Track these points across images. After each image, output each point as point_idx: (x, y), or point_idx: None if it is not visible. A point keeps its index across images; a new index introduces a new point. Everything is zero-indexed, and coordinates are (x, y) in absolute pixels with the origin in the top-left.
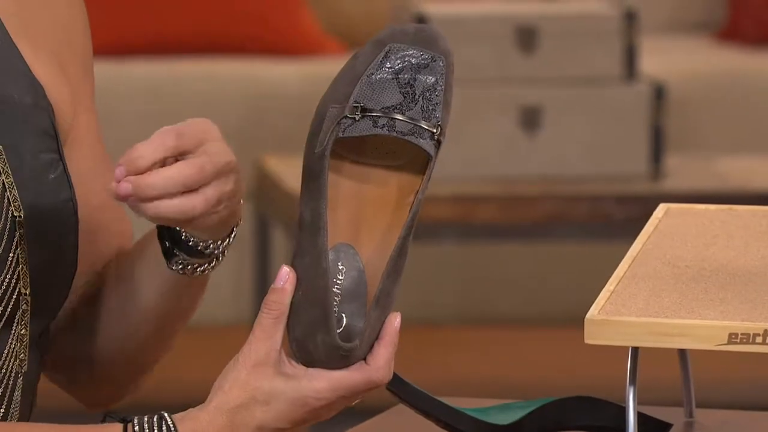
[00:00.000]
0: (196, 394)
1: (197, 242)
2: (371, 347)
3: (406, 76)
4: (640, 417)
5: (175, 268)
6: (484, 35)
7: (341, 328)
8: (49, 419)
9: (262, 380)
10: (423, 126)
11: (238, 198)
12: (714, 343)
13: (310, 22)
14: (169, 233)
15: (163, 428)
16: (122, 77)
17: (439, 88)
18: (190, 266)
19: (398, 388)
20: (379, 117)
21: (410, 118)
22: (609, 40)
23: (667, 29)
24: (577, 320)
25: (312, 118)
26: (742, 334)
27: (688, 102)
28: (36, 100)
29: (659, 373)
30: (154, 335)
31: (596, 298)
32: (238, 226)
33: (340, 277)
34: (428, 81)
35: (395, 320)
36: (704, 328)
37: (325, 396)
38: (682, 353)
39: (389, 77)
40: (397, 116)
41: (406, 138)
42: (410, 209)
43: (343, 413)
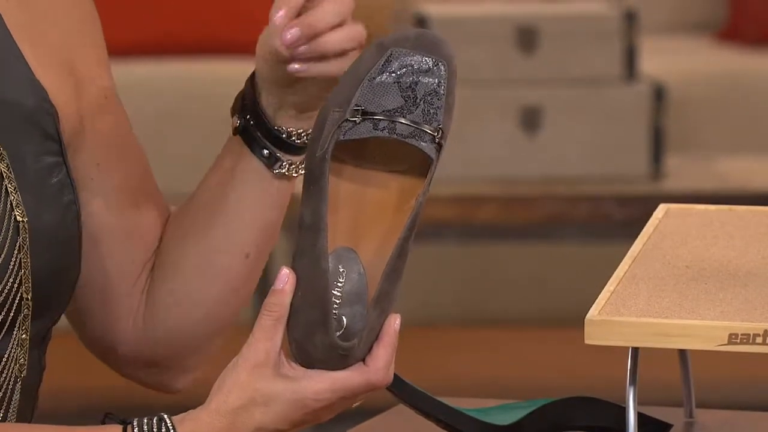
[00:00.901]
0: (196, 395)
1: (299, 135)
2: (371, 348)
3: (407, 80)
4: (640, 417)
5: (279, 171)
6: (484, 35)
7: (341, 331)
8: (50, 421)
9: (262, 382)
10: (424, 129)
11: None
12: (714, 343)
13: None
14: (269, 138)
15: (163, 429)
16: (122, 77)
17: (441, 92)
18: (293, 165)
19: (398, 388)
20: (379, 120)
21: (411, 121)
22: (609, 40)
23: (667, 29)
24: (577, 320)
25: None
26: (742, 334)
27: (688, 102)
28: (39, 103)
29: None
30: (254, 259)
31: (596, 298)
32: None
33: (341, 280)
34: (430, 85)
35: (395, 322)
36: (704, 328)
37: (325, 397)
38: (682, 353)
39: (391, 81)
40: (398, 119)
41: (406, 141)
42: (411, 212)
43: (343, 413)
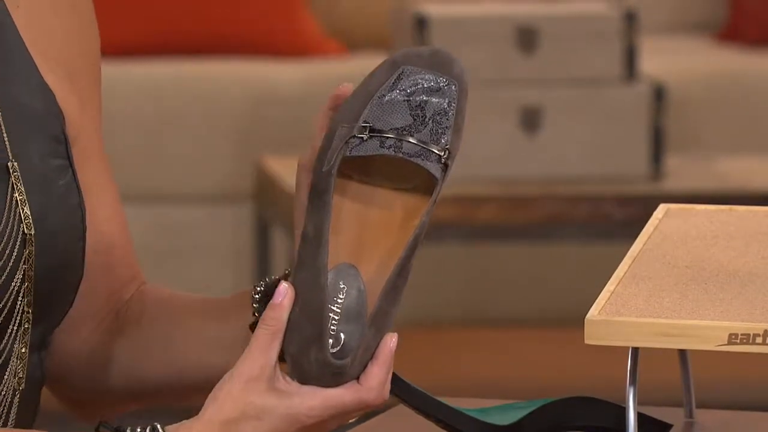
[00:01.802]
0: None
1: None
2: (365, 367)
3: (417, 98)
4: (640, 417)
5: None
6: (484, 36)
7: (338, 347)
8: (50, 420)
9: (255, 395)
10: (431, 149)
11: None
12: (714, 343)
13: (310, 24)
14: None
15: None
16: (123, 77)
17: (450, 112)
18: None
19: (398, 388)
20: (386, 138)
21: (419, 141)
22: (609, 40)
23: (667, 30)
24: (577, 320)
25: (309, 120)
26: (742, 334)
27: (688, 102)
28: (47, 106)
29: (659, 373)
30: (198, 384)
31: (596, 298)
32: None
33: (341, 296)
34: (440, 105)
35: (391, 341)
36: (704, 328)
37: (317, 414)
38: (682, 353)
39: (401, 99)
40: (406, 138)
41: (412, 160)
42: (414, 231)
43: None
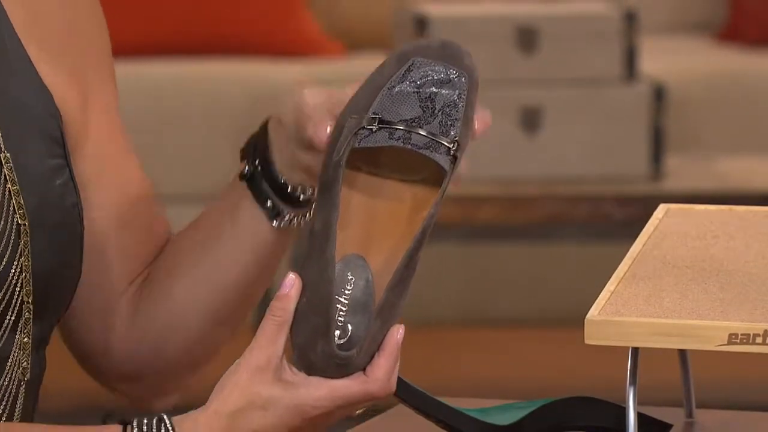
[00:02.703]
0: (197, 395)
1: (305, 190)
2: (372, 358)
3: (427, 90)
4: (640, 417)
5: (279, 225)
6: (484, 36)
7: (345, 338)
8: (50, 421)
9: (262, 386)
10: (440, 140)
11: None
12: (714, 343)
13: (310, 24)
14: (273, 190)
15: (162, 430)
16: (123, 77)
17: (460, 104)
18: (295, 218)
19: (398, 388)
20: (395, 129)
21: (428, 132)
22: (609, 40)
23: (667, 30)
24: (577, 320)
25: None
26: (742, 334)
27: (688, 102)
28: (45, 105)
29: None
30: (243, 299)
31: (596, 298)
32: None
33: (349, 287)
34: (449, 97)
35: (398, 332)
36: (704, 328)
37: (323, 405)
38: (682, 353)
39: (410, 90)
40: (415, 129)
41: (421, 151)
42: (422, 223)
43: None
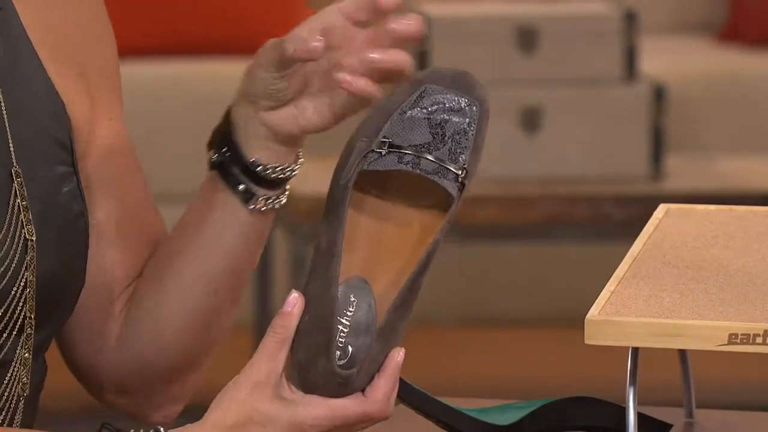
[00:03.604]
0: (196, 400)
1: (275, 169)
2: (371, 380)
3: (438, 117)
4: (640, 417)
5: (255, 207)
6: (484, 36)
7: (346, 359)
8: (50, 421)
9: (260, 402)
10: (448, 167)
11: None
12: (714, 343)
13: None
14: (244, 173)
15: None
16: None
17: (470, 132)
18: (269, 200)
19: (399, 388)
20: (405, 153)
21: (437, 158)
22: (609, 40)
23: (667, 30)
24: (577, 321)
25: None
26: (742, 334)
27: (688, 102)
28: (55, 112)
29: (659, 373)
30: (230, 289)
31: (596, 298)
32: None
33: (351, 309)
34: (460, 125)
35: (398, 355)
36: (704, 328)
37: (321, 423)
38: (682, 353)
39: (421, 116)
40: (424, 155)
41: (429, 177)
42: (427, 248)
43: None
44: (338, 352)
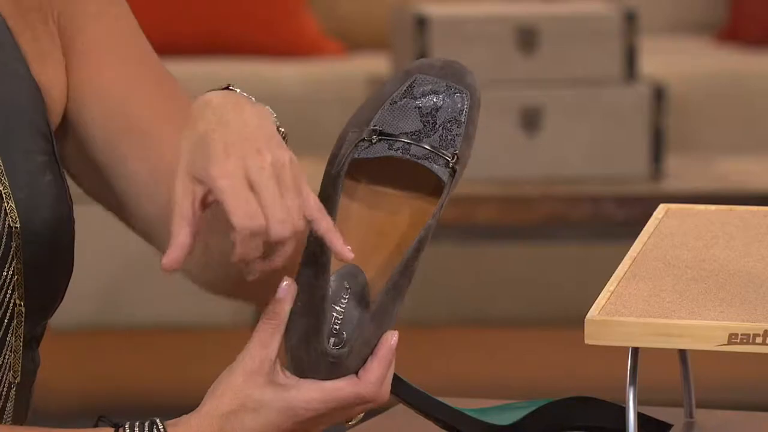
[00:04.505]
0: (195, 396)
1: None
2: (365, 362)
3: (428, 105)
4: (640, 417)
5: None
6: (484, 36)
7: (338, 339)
8: (47, 420)
9: (254, 388)
10: (439, 153)
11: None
12: (714, 343)
13: (310, 24)
14: None
15: None
16: None
17: (461, 120)
18: None
19: (398, 388)
20: (395, 141)
21: (428, 145)
22: (609, 40)
23: (667, 30)
24: (577, 321)
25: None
26: (742, 334)
27: (688, 102)
28: (33, 101)
29: (659, 373)
30: None
31: (596, 298)
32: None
33: (345, 297)
34: (451, 113)
35: (392, 338)
36: (704, 328)
37: (314, 407)
38: (682, 353)
39: (412, 105)
40: (415, 141)
41: (420, 162)
42: (419, 234)
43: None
44: (333, 339)
